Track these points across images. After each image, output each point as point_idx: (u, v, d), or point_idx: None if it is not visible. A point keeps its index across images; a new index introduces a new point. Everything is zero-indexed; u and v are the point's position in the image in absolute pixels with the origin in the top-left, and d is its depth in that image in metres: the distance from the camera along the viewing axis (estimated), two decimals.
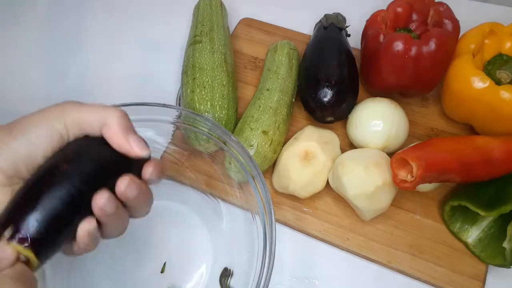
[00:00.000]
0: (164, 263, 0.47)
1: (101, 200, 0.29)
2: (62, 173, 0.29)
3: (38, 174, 0.29)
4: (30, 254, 0.27)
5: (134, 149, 0.31)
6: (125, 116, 0.31)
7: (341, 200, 0.50)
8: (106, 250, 0.48)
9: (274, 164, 0.52)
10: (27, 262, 0.27)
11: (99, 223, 0.30)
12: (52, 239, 0.28)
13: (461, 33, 0.50)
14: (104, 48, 0.67)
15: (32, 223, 0.27)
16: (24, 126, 0.29)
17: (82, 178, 0.29)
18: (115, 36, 0.69)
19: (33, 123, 0.29)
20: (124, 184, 0.30)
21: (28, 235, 0.27)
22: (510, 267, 0.43)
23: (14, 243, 0.26)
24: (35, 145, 0.29)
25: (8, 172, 0.28)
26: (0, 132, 0.29)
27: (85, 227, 0.29)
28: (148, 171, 0.32)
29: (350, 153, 0.49)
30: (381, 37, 0.50)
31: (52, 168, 0.29)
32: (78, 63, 0.66)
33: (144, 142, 0.32)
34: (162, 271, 0.47)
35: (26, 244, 0.27)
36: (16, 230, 0.27)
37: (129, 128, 0.31)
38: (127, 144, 0.31)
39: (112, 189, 0.30)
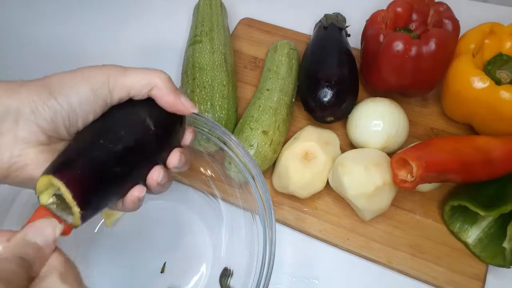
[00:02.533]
0: (164, 263, 0.47)
1: (157, 174, 0.31)
2: (117, 137, 0.29)
3: (91, 134, 0.29)
4: (73, 204, 0.26)
5: (186, 107, 0.32)
6: (170, 78, 0.32)
7: (341, 200, 0.50)
8: (106, 250, 0.48)
9: (274, 164, 0.52)
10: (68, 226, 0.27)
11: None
12: (100, 193, 0.28)
13: (461, 33, 0.50)
14: (104, 48, 0.67)
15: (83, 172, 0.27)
16: (65, 87, 0.29)
17: (135, 143, 0.30)
18: (115, 36, 0.69)
19: (74, 85, 0.29)
20: (177, 158, 0.33)
21: (75, 182, 0.26)
22: (510, 267, 0.43)
23: (63, 187, 0.26)
24: (77, 108, 0.29)
25: (48, 132, 0.29)
26: (40, 90, 0.28)
27: (135, 194, 0.31)
28: (189, 137, 0.35)
29: (350, 153, 0.49)
30: (381, 37, 0.50)
31: (105, 131, 0.29)
32: (78, 63, 0.65)
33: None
34: (162, 271, 0.47)
35: (70, 189, 0.26)
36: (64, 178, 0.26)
37: (176, 88, 0.32)
38: (180, 103, 0.32)
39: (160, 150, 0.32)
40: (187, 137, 0.35)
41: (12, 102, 0.27)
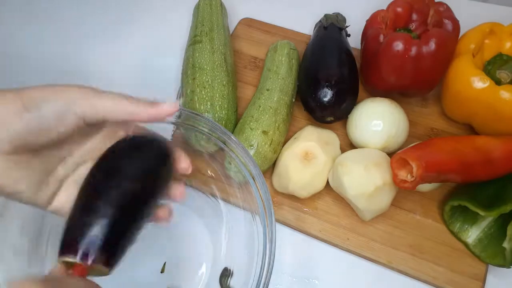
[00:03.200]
0: (164, 263, 0.47)
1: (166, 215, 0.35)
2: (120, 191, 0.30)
3: (93, 189, 0.30)
4: (101, 268, 0.29)
5: (165, 109, 0.33)
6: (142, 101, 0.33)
7: (341, 200, 0.50)
8: None
9: (274, 164, 0.52)
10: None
11: None
12: (119, 249, 0.31)
13: (461, 33, 0.50)
14: (103, 48, 0.67)
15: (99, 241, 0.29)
16: (39, 100, 0.29)
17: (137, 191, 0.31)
18: (114, 36, 0.69)
19: (49, 99, 0.29)
20: (182, 193, 0.36)
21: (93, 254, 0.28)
22: (510, 267, 0.43)
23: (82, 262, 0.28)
24: (49, 121, 0.29)
25: (16, 143, 0.28)
26: (14, 100, 0.28)
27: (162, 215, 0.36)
28: (184, 166, 0.36)
29: (350, 153, 0.49)
30: (381, 37, 0.50)
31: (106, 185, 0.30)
32: (78, 63, 0.66)
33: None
34: (162, 271, 0.47)
35: (92, 260, 0.28)
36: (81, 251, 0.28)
37: (152, 103, 0.33)
38: (161, 110, 0.32)
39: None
40: (183, 166, 0.36)
41: None
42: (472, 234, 0.47)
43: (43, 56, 0.67)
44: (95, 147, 0.34)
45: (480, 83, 0.46)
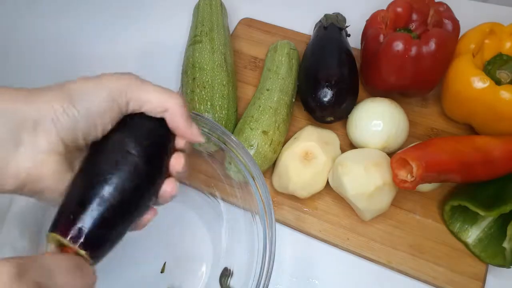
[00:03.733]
0: (164, 263, 0.47)
1: (171, 188, 0.33)
2: (132, 161, 0.29)
3: (104, 154, 0.29)
4: (83, 254, 0.27)
5: (195, 136, 0.32)
6: (185, 103, 0.32)
7: (341, 200, 0.50)
8: None
9: (274, 164, 0.52)
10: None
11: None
12: (110, 240, 0.30)
13: (461, 33, 0.50)
14: (104, 48, 0.67)
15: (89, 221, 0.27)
16: (85, 95, 0.28)
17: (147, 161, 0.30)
18: (114, 36, 0.69)
19: (94, 93, 0.29)
20: (181, 164, 0.33)
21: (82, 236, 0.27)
22: (510, 267, 0.43)
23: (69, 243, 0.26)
24: (95, 116, 0.29)
25: (67, 141, 0.28)
26: (60, 98, 0.28)
27: (148, 218, 0.33)
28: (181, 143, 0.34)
29: (350, 153, 0.49)
30: (381, 37, 0.50)
31: (122, 149, 0.29)
32: (78, 63, 0.66)
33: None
34: (162, 271, 0.47)
35: (81, 243, 0.27)
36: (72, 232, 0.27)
37: (189, 116, 0.32)
38: (189, 132, 0.32)
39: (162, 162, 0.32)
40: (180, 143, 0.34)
41: (30, 110, 0.27)
42: (472, 234, 0.47)
43: (43, 56, 0.67)
44: None
45: (480, 83, 0.46)
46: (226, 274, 0.45)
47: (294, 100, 0.55)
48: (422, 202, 0.50)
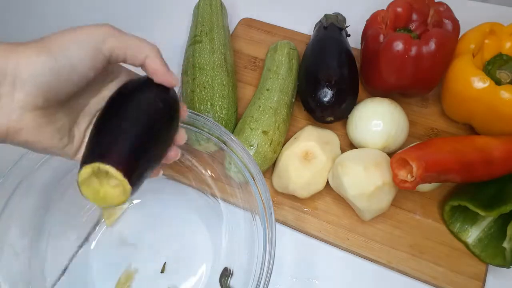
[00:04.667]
0: (164, 263, 0.47)
1: (175, 153, 0.35)
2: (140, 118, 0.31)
3: (117, 119, 0.30)
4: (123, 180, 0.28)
5: (173, 81, 0.33)
6: (159, 50, 0.33)
7: (341, 200, 0.50)
8: (105, 249, 0.48)
9: (274, 164, 0.52)
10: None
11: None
12: (143, 168, 0.31)
13: (461, 33, 0.50)
14: None
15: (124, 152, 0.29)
16: (65, 45, 0.28)
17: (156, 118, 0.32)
18: None
19: (75, 42, 0.28)
20: (184, 139, 0.35)
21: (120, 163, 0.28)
22: (510, 267, 0.43)
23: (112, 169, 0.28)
24: (78, 65, 0.29)
25: (47, 95, 0.28)
26: (39, 50, 0.27)
27: (172, 155, 0.35)
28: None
29: (350, 153, 0.49)
30: (381, 37, 0.50)
31: (127, 114, 0.31)
32: None
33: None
34: (162, 271, 0.47)
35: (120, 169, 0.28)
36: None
37: (165, 63, 0.33)
38: (169, 74, 0.33)
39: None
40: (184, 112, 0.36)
41: (9, 63, 0.26)
42: (472, 234, 0.47)
43: None
44: (109, 95, 0.33)
45: (480, 83, 0.46)
46: (226, 274, 0.45)
47: (294, 100, 0.55)
48: (422, 202, 0.50)
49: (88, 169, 0.28)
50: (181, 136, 0.35)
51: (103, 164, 0.27)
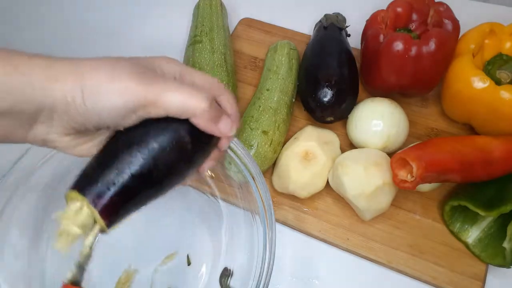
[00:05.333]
0: (187, 255, 0.47)
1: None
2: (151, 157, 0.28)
3: (121, 150, 0.29)
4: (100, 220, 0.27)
5: (223, 133, 0.32)
6: (212, 104, 0.30)
7: (341, 200, 0.50)
8: (106, 249, 0.48)
9: (274, 164, 0.52)
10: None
11: None
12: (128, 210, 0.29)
13: (461, 33, 0.50)
14: (104, 48, 0.67)
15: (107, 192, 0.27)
16: (99, 96, 0.28)
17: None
18: (114, 36, 0.69)
19: (108, 99, 0.28)
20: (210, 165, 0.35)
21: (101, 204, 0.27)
22: (510, 267, 0.43)
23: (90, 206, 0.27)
24: (107, 120, 0.29)
25: (79, 128, 0.29)
26: (74, 90, 0.27)
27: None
28: (224, 145, 0.35)
29: (350, 153, 0.49)
30: (381, 37, 0.50)
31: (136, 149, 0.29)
32: None
33: (233, 118, 0.33)
34: (188, 264, 0.47)
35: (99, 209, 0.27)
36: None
37: (217, 116, 0.31)
38: (217, 131, 0.31)
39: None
40: (224, 144, 0.34)
41: (47, 99, 0.27)
42: (472, 234, 0.47)
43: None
44: None
45: (480, 83, 0.46)
46: (226, 274, 0.45)
47: (294, 100, 0.55)
48: (422, 202, 0.50)
49: (74, 194, 0.27)
50: (208, 164, 0.34)
51: (84, 200, 0.27)
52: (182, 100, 0.29)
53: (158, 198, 0.31)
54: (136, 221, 0.51)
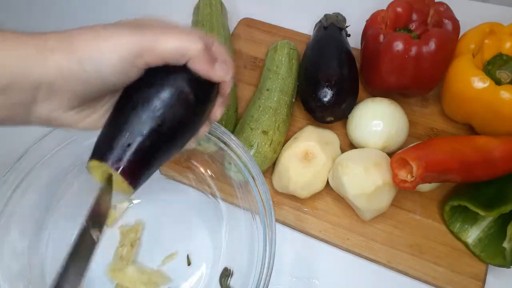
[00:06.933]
0: (187, 256, 0.47)
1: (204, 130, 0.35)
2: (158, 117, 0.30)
3: (133, 114, 0.30)
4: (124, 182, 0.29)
5: (220, 76, 0.32)
6: (206, 45, 0.31)
7: (341, 200, 0.50)
8: (105, 249, 0.48)
9: (274, 164, 0.52)
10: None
11: None
12: (148, 172, 0.30)
13: (461, 33, 0.50)
14: None
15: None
16: (94, 54, 0.27)
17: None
18: None
19: (106, 52, 0.28)
20: (221, 112, 0.35)
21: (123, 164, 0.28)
22: (510, 267, 0.43)
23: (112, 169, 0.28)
24: (109, 77, 0.28)
25: (82, 96, 0.29)
26: (69, 58, 0.27)
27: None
28: (226, 90, 0.35)
29: (350, 153, 0.49)
30: (381, 37, 0.50)
31: (145, 109, 0.30)
32: None
33: (227, 64, 0.33)
34: (188, 264, 0.47)
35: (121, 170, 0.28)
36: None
37: (212, 58, 0.31)
38: (213, 74, 0.31)
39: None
40: (226, 89, 0.35)
41: (43, 74, 0.27)
42: (472, 234, 0.47)
43: None
44: None
45: (480, 83, 0.46)
46: (226, 274, 0.45)
47: (294, 100, 0.55)
48: (422, 202, 0.50)
49: (95, 163, 0.29)
50: (220, 110, 0.35)
51: (107, 166, 0.28)
52: (177, 42, 0.29)
53: (175, 153, 0.32)
54: (136, 221, 0.52)
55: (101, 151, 0.29)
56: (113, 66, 0.28)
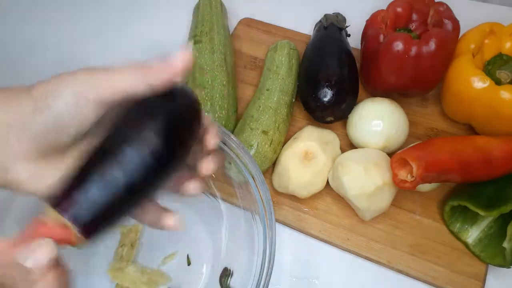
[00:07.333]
0: (187, 255, 0.47)
1: (193, 188, 0.33)
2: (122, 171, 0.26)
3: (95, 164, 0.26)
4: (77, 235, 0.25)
5: (174, 66, 0.31)
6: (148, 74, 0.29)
7: (341, 200, 0.50)
8: (105, 249, 0.48)
9: (274, 164, 0.52)
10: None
11: None
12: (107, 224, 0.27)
13: (461, 33, 0.50)
14: (103, 48, 0.67)
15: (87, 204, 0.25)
16: (49, 96, 0.26)
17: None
18: (114, 36, 0.69)
19: (58, 92, 0.26)
20: (211, 170, 0.32)
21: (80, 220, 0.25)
22: (510, 267, 0.43)
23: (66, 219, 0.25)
24: (65, 116, 0.27)
25: (41, 145, 0.27)
26: (26, 102, 0.26)
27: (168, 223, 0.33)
28: (213, 141, 0.33)
29: (350, 153, 0.49)
30: (381, 37, 0.50)
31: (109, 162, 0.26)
32: (77, 63, 0.65)
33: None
34: (188, 264, 0.47)
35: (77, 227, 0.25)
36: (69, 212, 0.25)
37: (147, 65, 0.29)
38: (169, 67, 0.30)
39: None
40: (212, 142, 0.32)
41: (4, 114, 0.26)
42: (472, 234, 0.47)
43: (43, 56, 0.67)
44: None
45: (480, 83, 0.46)
46: (226, 274, 0.45)
47: (294, 100, 0.55)
48: (422, 202, 0.50)
49: (52, 212, 0.26)
50: (208, 167, 0.32)
51: (62, 215, 0.25)
52: (131, 75, 0.28)
53: (140, 205, 0.30)
54: (135, 221, 0.51)
55: (61, 200, 0.26)
56: (67, 103, 0.26)
